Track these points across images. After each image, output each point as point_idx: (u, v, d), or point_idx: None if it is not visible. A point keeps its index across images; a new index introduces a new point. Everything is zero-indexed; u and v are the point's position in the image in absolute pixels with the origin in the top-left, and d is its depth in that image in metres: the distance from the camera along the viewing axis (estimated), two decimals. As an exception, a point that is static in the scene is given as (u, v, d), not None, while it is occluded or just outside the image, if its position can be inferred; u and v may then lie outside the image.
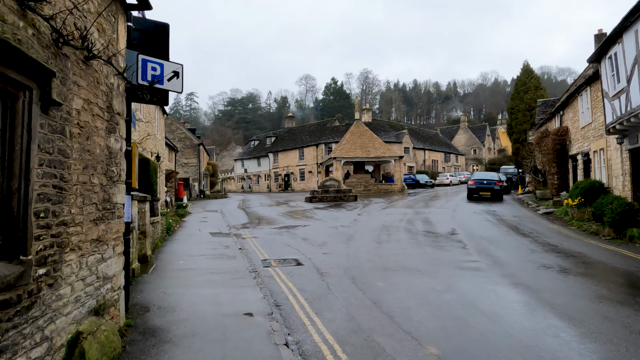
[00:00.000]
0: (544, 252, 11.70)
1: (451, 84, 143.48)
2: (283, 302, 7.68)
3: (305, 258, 11.69)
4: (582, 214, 18.25)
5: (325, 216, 23.09)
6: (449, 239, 14.35)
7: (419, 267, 10.27)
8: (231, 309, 7.07)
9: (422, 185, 53.39)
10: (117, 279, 5.81)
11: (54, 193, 4.07)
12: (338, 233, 16.43)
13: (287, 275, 9.72)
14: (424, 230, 16.38)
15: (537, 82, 51.67)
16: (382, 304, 7.35)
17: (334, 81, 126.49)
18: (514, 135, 51.81)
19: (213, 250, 13.15)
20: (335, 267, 10.48)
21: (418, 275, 9.41)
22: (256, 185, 74.03)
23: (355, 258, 11.52)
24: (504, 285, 8.40)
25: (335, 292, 8.17)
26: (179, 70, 7.57)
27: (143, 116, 20.40)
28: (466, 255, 11.53)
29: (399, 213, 22.81)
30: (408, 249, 12.78)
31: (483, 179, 30.76)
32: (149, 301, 7.44)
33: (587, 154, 21.95)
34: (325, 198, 34.68)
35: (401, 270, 10.00)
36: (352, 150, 45.90)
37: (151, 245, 12.64)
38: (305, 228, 18.38)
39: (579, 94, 22.80)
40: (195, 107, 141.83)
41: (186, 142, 54.92)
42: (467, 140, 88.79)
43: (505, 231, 15.78)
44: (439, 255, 11.62)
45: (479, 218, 20.04)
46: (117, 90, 5.88)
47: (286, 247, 13.76)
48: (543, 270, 9.58)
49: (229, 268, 10.44)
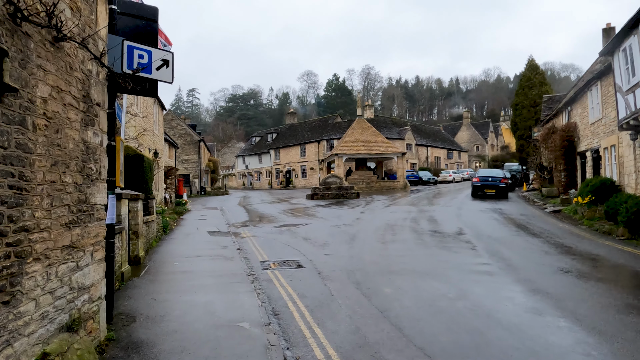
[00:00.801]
0: (558, 254, 11.07)
1: (453, 80, 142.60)
2: (282, 310, 7.08)
3: (306, 260, 11.09)
4: (592, 213, 17.61)
5: (327, 214, 22.48)
6: (456, 239, 13.74)
7: (427, 270, 9.66)
8: (225, 319, 6.48)
9: (425, 182, 52.78)
10: (97, 289, 5.22)
11: (10, 195, 3.47)
12: (340, 232, 15.83)
13: (287, 279, 9.12)
14: (430, 229, 15.76)
15: (542, 77, 50.72)
16: (389, 313, 6.74)
17: (336, 77, 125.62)
18: (518, 132, 50.92)
19: (210, 251, 12.56)
20: (338, 269, 9.88)
21: (427, 280, 8.80)
22: (257, 182, 73.45)
23: (359, 260, 10.92)
24: (521, 292, 7.78)
25: (339, 299, 7.57)
26: (169, 59, 6.96)
27: (140, 111, 19.80)
28: (477, 258, 10.91)
29: (403, 211, 22.19)
30: (415, 250, 12.17)
31: (488, 176, 30.08)
32: (136, 309, 6.85)
33: (597, 150, 21.28)
34: (327, 195, 34.09)
35: (409, 273, 9.39)
36: (354, 147, 45.25)
37: (145, 246, 12.06)
38: (306, 227, 17.78)
39: (589, 88, 22.11)
40: (197, 103, 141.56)
41: (187, 138, 54.32)
42: (469, 136, 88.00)
43: (514, 231, 15.15)
44: (448, 258, 11.00)
45: (485, 216, 19.41)
46: (96, 78, 5.27)
47: (286, 247, 13.17)
48: (561, 275, 8.95)
49: (225, 271, 9.85)
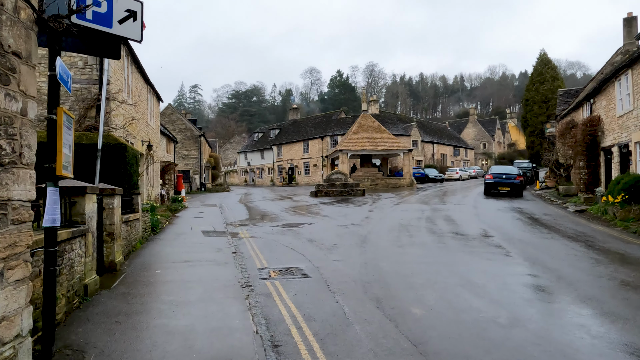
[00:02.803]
0: (611, 263, 9.35)
1: (458, 77, 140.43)
2: (283, 339, 5.42)
3: (312, 267, 9.44)
4: (626, 213, 15.89)
5: (332, 212, 20.83)
6: (483, 242, 12.04)
7: (460, 282, 7.97)
8: (208, 356, 4.83)
9: (431, 180, 51.20)
10: (12, 324, 3.57)
11: None
12: (349, 233, 14.17)
13: (290, 292, 7.46)
14: (450, 231, 14.07)
15: (555, 72, 48.97)
16: (427, 348, 5.07)
17: (339, 74, 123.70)
18: (529, 128, 49.15)
19: (201, 255, 10.92)
20: (351, 280, 8.22)
21: (463, 296, 7.13)
22: (259, 178, 71.79)
23: (375, 268, 9.24)
24: (593, 317, 6.05)
25: (356, 324, 5.90)
26: (137, 10, 5.31)
27: (130, 98, 18.13)
28: (516, 266, 9.20)
29: (415, 210, 20.50)
30: (438, 255, 10.48)
31: (502, 173, 28.36)
32: (90, 340, 5.18)
33: (626, 145, 19.53)
34: (332, 192, 32.45)
35: (438, 286, 7.71)
36: (359, 143, 43.53)
37: (125, 249, 10.41)
38: (311, 226, 16.13)
39: (617, 78, 20.35)
40: (200, 100, 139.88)
41: (187, 133, 52.67)
42: (476, 134, 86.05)
43: (546, 233, 13.45)
44: (481, 266, 9.30)
45: (507, 216, 17.73)
46: (14, 17, 3.61)
47: (289, 250, 11.53)
48: (631, 292, 7.23)
49: (216, 281, 8.20)
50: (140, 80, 20.99)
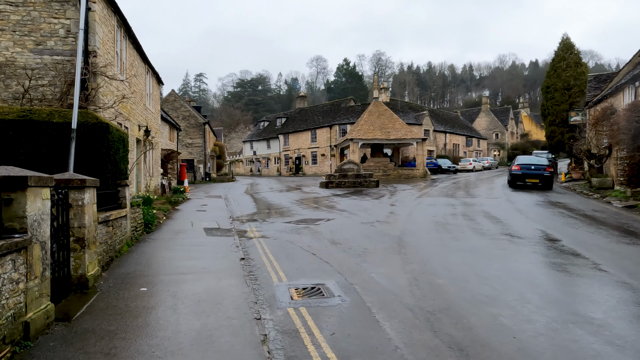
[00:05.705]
0: None
1: (467, 67, 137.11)
2: None
3: (346, 283, 7.18)
4: (698, 211, 13.58)
5: (349, 206, 18.55)
6: (554, 249, 9.66)
7: (567, 315, 5.66)
8: None
9: (445, 171, 48.95)
10: None
11: None
12: (378, 233, 11.90)
13: (325, 330, 5.20)
14: (500, 231, 11.74)
15: (578, 57, 46.01)
16: None
17: (346, 62, 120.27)
18: (549, 117, 46.34)
19: (201, 262, 8.69)
20: (405, 309, 5.94)
21: (586, 341, 4.86)
22: (265, 168, 69.52)
23: (432, 287, 6.95)
24: None
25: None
26: None
27: (121, 73, 15.80)
28: (626, 290, 6.86)
29: (443, 204, 18.17)
30: (507, 268, 8.04)
31: (530, 164, 25.95)
32: None
33: (685, 132, 17.14)
34: (344, 183, 30.19)
35: (541, 326, 5.43)
36: (370, 131, 41.11)
37: (104, 256, 8.19)
38: (329, 223, 13.88)
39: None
40: (205, 88, 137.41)
41: (191, 120, 50.31)
42: (488, 123, 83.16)
43: (620, 237, 11.04)
44: (579, 288, 6.93)
45: (553, 212, 15.40)
46: None
47: (310, 256, 9.27)
48: None
49: (219, 306, 5.95)
50: (136, 58, 18.67)
